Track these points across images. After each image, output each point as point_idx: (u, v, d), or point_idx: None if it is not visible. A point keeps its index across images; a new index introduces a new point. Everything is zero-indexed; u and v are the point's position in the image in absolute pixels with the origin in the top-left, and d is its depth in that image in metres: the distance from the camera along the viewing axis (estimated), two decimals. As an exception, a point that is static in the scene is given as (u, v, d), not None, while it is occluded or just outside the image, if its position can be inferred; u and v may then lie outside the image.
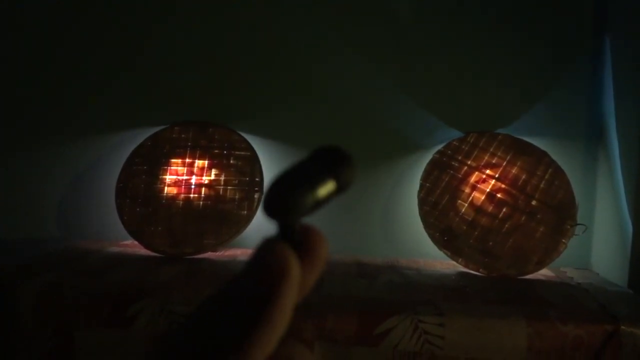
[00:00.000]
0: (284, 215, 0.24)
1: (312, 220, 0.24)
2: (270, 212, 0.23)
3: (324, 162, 0.25)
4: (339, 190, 0.26)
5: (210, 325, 0.22)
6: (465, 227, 1.14)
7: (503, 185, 1.16)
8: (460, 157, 1.19)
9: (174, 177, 1.21)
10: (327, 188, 0.25)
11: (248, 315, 0.22)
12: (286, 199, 0.23)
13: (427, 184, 1.18)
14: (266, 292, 0.22)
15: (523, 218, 1.13)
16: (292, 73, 1.30)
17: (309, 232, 0.25)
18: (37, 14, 1.32)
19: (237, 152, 1.22)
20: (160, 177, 1.21)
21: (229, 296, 0.23)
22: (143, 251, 1.18)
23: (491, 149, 1.19)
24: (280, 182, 0.24)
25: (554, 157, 1.18)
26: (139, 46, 1.32)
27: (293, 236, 0.24)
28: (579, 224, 1.12)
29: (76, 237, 1.32)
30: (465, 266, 1.13)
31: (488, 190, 1.16)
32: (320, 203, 0.24)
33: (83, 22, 1.32)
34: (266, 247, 0.23)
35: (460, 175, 1.18)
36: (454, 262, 1.14)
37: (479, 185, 1.17)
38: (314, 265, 0.24)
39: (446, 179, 1.18)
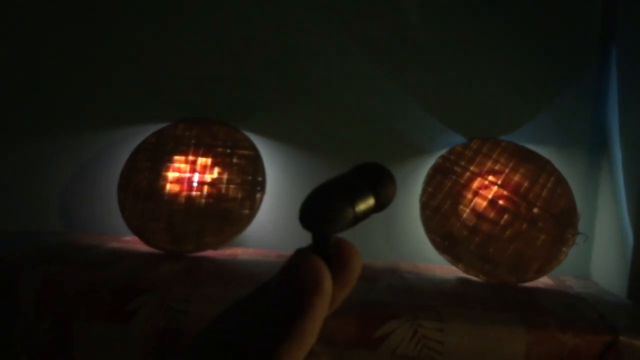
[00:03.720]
0: (321, 227, 0.23)
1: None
2: (307, 222, 0.23)
3: (365, 177, 0.25)
4: (377, 208, 0.25)
5: (237, 335, 0.22)
6: (466, 233, 1.14)
7: (505, 192, 1.16)
8: (463, 163, 1.19)
9: (177, 174, 1.21)
10: (367, 204, 0.24)
11: (278, 327, 0.21)
12: (325, 210, 0.23)
13: (429, 189, 1.18)
14: (297, 305, 0.21)
15: (524, 225, 1.13)
16: (297, 73, 1.30)
17: (344, 246, 0.24)
18: (43, 5, 1.32)
19: (240, 151, 1.22)
20: (163, 173, 1.21)
21: (257, 305, 0.22)
22: (143, 247, 1.18)
23: (494, 156, 1.19)
24: (320, 193, 0.23)
25: (557, 165, 1.18)
26: (144, 42, 1.32)
27: (327, 249, 0.23)
28: (580, 233, 1.12)
29: (77, 230, 1.32)
30: (465, 272, 1.13)
31: (490, 196, 1.16)
32: (358, 218, 0.24)
33: (89, 14, 1.32)
34: (299, 259, 0.23)
35: (462, 181, 1.18)
36: (454, 268, 1.14)
37: (481, 192, 1.17)
38: (346, 281, 0.24)
39: (448, 184, 1.18)
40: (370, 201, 0.25)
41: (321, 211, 0.23)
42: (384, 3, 1.29)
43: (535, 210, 1.14)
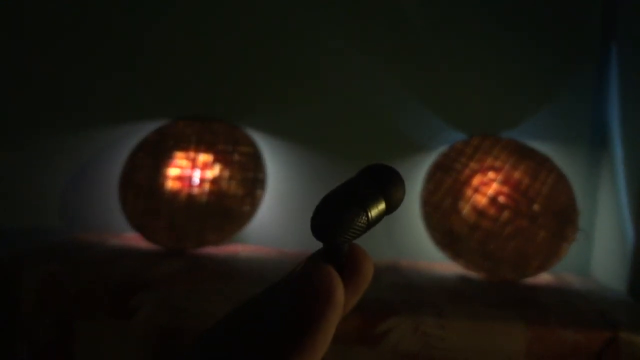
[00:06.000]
0: (336, 238, 0.22)
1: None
2: (320, 234, 0.22)
3: (374, 180, 0.24)
4: (388, 210, 0.24)
5: (244, 343, 0.21)
6: (466, 230, 1.14)
7: (505, 189, 1.16)
8: (463, 160, 1.19)
9: (178, 170, 1.21)
10: (378, 208, 0.24)
11: (289, 339, 0.20)
12: (340, 220, 0.22)
13: (430, 186, 1.18)
14: (310, 316, 0.21)
15: (524, 222, 1.13)
16: (298, 70, 1.30)
17: (356, 253, 0.24)
18: (42, 4, 1.31)
19: (241, 148, 1.22)
20: (164, 171, 1.21)
21: (266, 313, 0.22)
22: (145, 245, 1.18)
23: (494, 152, 1.19)
24: (331, 202, 0.22)
25: (557, 162, 1.18)
26: (144, 40, 1.31)
27: (340, 258, 0.23)
28: (581, 230, 1.12)
29: (78, 228, 1.32)
30: (466, 269, 1.13)
31: (490, 193, 1.16)
32: (372, 224, 0.23)
33: (89, 12, 1.32)
34: (312, 268, 0.22)
35: (463, 178, 1.18)
36: (455, 264, 1.15)
37: (481, 188, 1.17)
38: (357, 288, 0.23)
39: (449, 181, 1.18)
40: (382, 205, 0.24)
41: (335, 222, 0.22)
42: (385, 1, 1.28)
43: (536, 207, 1.14)
